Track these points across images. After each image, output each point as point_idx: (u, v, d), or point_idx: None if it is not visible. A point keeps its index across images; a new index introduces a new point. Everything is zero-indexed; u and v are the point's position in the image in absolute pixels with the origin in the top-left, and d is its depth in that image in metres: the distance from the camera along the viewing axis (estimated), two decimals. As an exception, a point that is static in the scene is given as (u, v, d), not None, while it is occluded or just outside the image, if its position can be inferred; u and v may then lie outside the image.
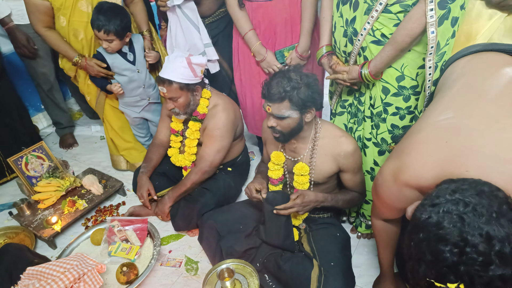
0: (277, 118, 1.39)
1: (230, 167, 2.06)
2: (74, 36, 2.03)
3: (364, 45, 1.41)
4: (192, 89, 1.78)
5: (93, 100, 2.27)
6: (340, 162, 1.49)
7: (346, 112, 1.66)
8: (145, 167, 2.03)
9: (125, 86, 2.13)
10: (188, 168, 2.00)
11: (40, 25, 1.97)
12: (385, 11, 1.31)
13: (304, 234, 1.62)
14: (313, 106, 1.39)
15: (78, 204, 2.06)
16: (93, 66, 2.01)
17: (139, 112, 2.28)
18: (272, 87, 1.36)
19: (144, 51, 2.14)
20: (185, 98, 1.77)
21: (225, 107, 1.87)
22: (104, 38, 1.89)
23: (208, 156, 1.87)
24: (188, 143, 1.95)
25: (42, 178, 2.18)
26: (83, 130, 3.05)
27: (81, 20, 1.98)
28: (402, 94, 1.44)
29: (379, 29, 1.36)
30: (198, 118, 1.89)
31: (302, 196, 1.45)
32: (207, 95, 1.88)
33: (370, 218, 1.79)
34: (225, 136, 1.87)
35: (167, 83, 1.70)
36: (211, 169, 1.91)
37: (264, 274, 1.53)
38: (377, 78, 1.43)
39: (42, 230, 1.93)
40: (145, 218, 1.83)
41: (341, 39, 1.49)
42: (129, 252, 1.69)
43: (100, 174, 2.31)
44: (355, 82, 1.50)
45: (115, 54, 2.04)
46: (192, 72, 1.72)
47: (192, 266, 1.77)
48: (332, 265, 1.42)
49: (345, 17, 1.44)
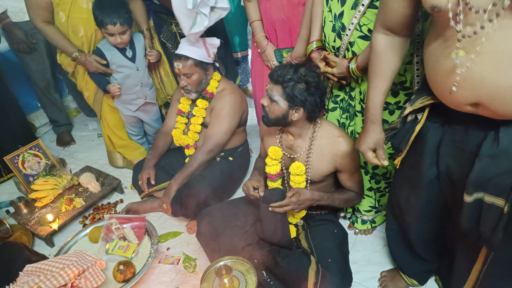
0: (269, 98, 1.42)
1: (231, 157, 2.08)
2: (74, 33, 2.02)
3: (352, 40, 1.43)
4: (205, 68, 1.88)
5: (91, 96, 2.26)
6: (338, 162, 1.49)
7: (338, 108, 1.67)
8: (151, 153, 2.08)
9: (122, 82, 2.12)
10: (191, 147, 2.02)
11: (39, 20, 1.96)
12: (372, 6, 1.33)
13: (302, 231, 1.62)
14: (301, 106, 1.38)
15: (75, 202, 2.06)
16: (92, 62, 2.01)
17: (134, 111, 2.28)
18: (279, 68, 1.40)
19: (145, 50, 2.14)
20: (198, 76, 1.86)
21: (232, 91, 1.96)
22: (119, 31, 1.92)
23: (215, 136, 1.92)
24: (194, 120, 1.99)
25: (39, 176, 2.18)
26: (80, 128, 3.04)
27: (81, 16, 1.98)
28: (391, 89, 1.45)
29: (366, 24, 1.37)
30: (207, 96, 1.95)
31: (297, 194, 1.45)
32: (217, 77, 1.97)
33: (365, 213, 1.80)
34: (232, 117, 1.93)
35: (184, 58, 1.80)
36: (217, 148, 1.95)
37: (262, 271, 1.54)
38: (365, 73, 1.44)
39: (40, 228, 1.92)
40: (143, 216, 1.83)
41: (330, 34, 1.50)
42: (127, 250, 1.69)
43: (97, 172, 2.31)
44: (343, 77, 1.51)
45: (114, 50, 2.04)
46: (206, 52, 1.84)
47: (190, 263, 1.77)
48: (330, 261, 1.42)
49: (333, 12, 1.45)
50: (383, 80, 1.15)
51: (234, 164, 2.08)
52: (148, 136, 2.53)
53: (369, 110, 1.21)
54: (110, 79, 2.13)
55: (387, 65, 1.14)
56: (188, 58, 1.80)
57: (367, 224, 1.83)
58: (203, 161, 1.93)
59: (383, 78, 1.15)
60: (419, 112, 1.12)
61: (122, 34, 1.95)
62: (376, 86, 1.17)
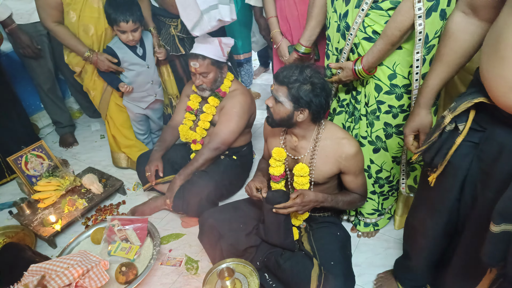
0: (274, 99, 1.42)
1: (235, 155, 2.09)
2: (84, 32, 2.04)
3: (357, 42, 1.43)
4: (221, 66, 1.92)
5: (97, 96, 2.27)
6: (342, 164, 1.48)
7: (344, 112, 1.66)
8: (159, 145, 2.10)
9: (134, 80, 2.15)
10: (197, 142, 2.03)
11: (49, 20, 1.97)
12: (376, 7, 1.34)
13: (305, 233, 1.62)
14: (306, 107, 1.38)
15: (78, 203, 2.06)
16: (104, 60, 2.03)
17: (144, 109, 2.30)
18: (284, 69, 1.40)
19: (154, 47, 2.18)
20: (214, 74, 1.89)
21: (243, 92, 1.99)
22: (131, 29, 1.95)
23: (223, 134, 1.93)
24: (203, 117, 2.01)
25: (42, 177, 2.18)
26: (83, 129, 3.05)
27: (92, 15, 2.00)
28: (395, 92, 1.45)
29: (370, 25, 1.37)
30: (219, 95, 1.97)
31: (302, 195, 1.45)
32: (230, 77, 1.99)
33: (368, 216, 1.79)
34: (241, 117, 1.95)
35: (201, 58, 1.83)
36: (224, 146, 1.96)
37: (264, 273, 1.53)
38: (371, 74, 1.44)
39: (42, 229, 1.92)
40: (145, 218, 1.83)
41: (335, 35, 1.51)
42: (129, 252, 1.69)
43: (100, 173, 2.31)
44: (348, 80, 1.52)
45: (125, 48, 2.07)
46: (222, 51, 1.87)
47: (192, 265, 1.77)
48: (332, 264, 1.41)
49: (338, 12, 1.46)
50: (445, 65, 1.07)
51: (237, 163, 2.09)
52: (152, 135, 2.55)
53: (421, 93, 1.17)
54: (121, 79, 2.15)
55: (455, 48, 1.03)
56: (205, 58, 1.83)
57: (369, 226, 1.82)
58: (208, 157, 1.94)
59: (446, 63, 1.07)
60: (460, 122, 1.00)
61: (134, 32, 1.98)
62: (436, 69, 1.10)
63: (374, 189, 1.72)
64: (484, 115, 0.96)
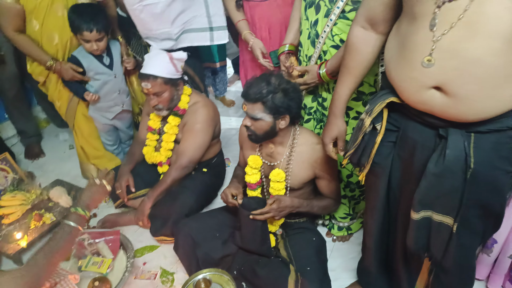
0: (251, 118, 1.42)
1: (205, 168, 2.05)
2: (48, 40, 1.96)
3: (325, 49, 1.48)
4: (176, 83, 1.83)
5: (63, 106, 2.19)
6: (317, 168, 1.51)
7: (312, 119, 1.70)
8: (127, 160, 2.04)
9: (100, 90, 2.09)
10: (164, 164, 1.98)
11: (10, 29, 1.89)
12: (343, 17, 1.39)
13: (281, 240, 1.63)
14: (287, 113, 1.41)
15: (45, 217, 1.98)
16: (68, 70, 1.96)
17: (111, 119, 2.23)
18: (250, 87, 1.39)
19: (122, 57, 2.12)
20: (169, 93, 1.81)
21: (205, 104, 1.92)
22: (95, 38, 1.89)
23: (188, 151, 1.87)
24: (166, 138, 1.94)
25: (6, 191, 2.09)
26: (50, 139, 2.94)
27: (56, 24, 1.93)
28: (361, 99, 1.51)
29: (338, 34, 1.43)
30: (178, 113, 1.90)
31: (278, 201, 1.46)
32: (188, 91, 1.92)
33: (340, 220, 1.83)
34: (206, 131, 1.89)
35: (152, 78, 1.73)
36: (191, 164, 1.90)
37: (241, 282, 1.53)
38: (334, 78, 1.48)
39: (7, 246, 1.83)
40: (117, 230, 1.78)
41: (306, 42, 1.55)
42: (101, 266, 1.63)
43: (69, 186, 2.23)
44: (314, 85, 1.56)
45: (91, 57, 2.01)
46: (174, 67, 1.77)
47: (167, 278, 1.74)
48: (309, 269, 1.43)
49: (310, 20, 1.50)
50: (352, 75, 1.17)
51: (209, 176, 2.04)
52: (123, 145, 2.49)
53: (334, 102, 1.24)
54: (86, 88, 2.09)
55: (358, 59, 1.14)
56: (157, 77, 1.73)
57: (343, 230, 1.86)
58: (177, 177, 1.89)
59: (353, 74, 1.17)
60: (377, 122, 1.09)
61: (99, 41, 1.92)
62: (345, 80, 1.18)
63: (345, 193, 1.76)
64: (396, 115, 1.07)
